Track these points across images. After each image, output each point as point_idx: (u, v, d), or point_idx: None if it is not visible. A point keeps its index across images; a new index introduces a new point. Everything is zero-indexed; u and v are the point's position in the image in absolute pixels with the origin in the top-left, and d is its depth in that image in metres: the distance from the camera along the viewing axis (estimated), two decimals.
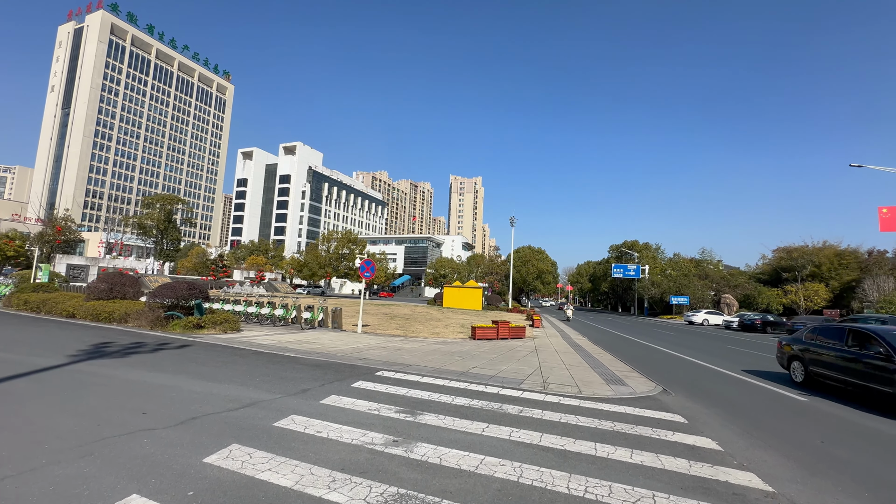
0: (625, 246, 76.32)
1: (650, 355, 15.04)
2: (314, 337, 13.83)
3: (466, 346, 13.81)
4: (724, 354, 16.28)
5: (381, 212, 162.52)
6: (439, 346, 13.66)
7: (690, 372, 11.54)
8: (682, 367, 12.30)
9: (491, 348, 13.74)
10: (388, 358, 10.50)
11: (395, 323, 21.13)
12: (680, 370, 11.77)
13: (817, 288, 40.22)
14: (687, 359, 14.30)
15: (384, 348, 12.21)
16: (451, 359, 10.98)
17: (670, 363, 13.17)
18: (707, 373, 11.47)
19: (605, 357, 13.21)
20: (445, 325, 21.29)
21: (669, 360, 14.02)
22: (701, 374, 11.16)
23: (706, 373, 11.47)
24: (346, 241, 61.98)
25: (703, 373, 11.46)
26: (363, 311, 27.95)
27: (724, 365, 12.99)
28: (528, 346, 14.87)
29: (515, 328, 17.43)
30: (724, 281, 59.13)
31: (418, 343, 14.04)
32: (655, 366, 12.36)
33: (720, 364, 13.17)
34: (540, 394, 7.46)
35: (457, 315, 30.62)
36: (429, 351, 12.26)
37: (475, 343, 14.97)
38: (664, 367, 12.30)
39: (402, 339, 14.79)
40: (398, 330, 18.01)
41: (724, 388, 9.30)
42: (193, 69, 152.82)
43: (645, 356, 14.67)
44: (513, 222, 58.13)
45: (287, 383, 7.14)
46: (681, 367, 12.29)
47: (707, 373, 11.47)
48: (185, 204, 52.93)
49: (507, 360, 11.24)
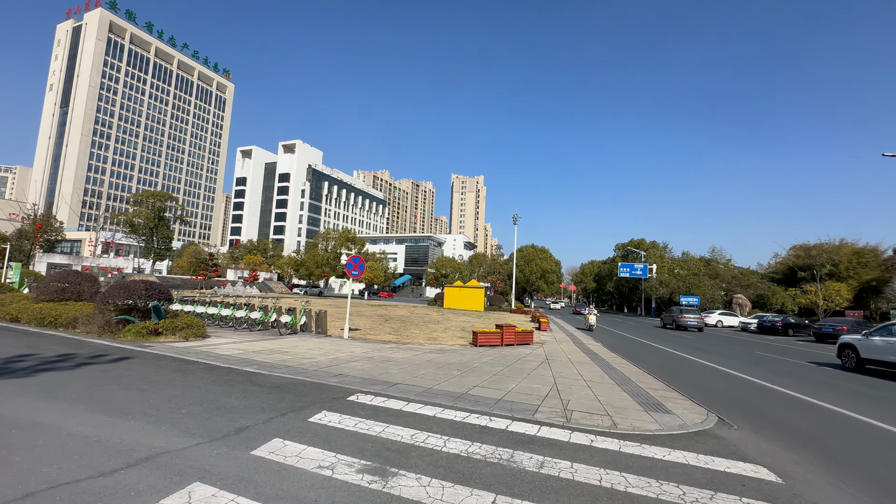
0: (631, 244, 74.22)
1: (677, 365, 13.12)
2: (290, 345, 11.97)
3: (467, 356, 11.93)
4: (758, 362, 14.33)
5: (383, 211, 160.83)
6: (435, 355, 11.78)
7: (735, 388, 9.62)
8: (722, 382, 10.38)
9: (495, 358, 11.85)
10: (370, 373, 8.63)
11: (389, 326, 19.26)
12: (721, 386, 9.86)
13: (839, 287, 38.08)
14: (720, 369, 12.37)
15: (369, 359, 10.34)
16: (447, 373, 9.11)
17: (705, 376, 11.24)
18: (757, 390, 9.54)
19: (628, 368, 11.30)
20: (444, 329, 19.41)
21: (701, 371, 12.08)
22: (749, 392, 9.24)
23: (755, 390, 9.55)
24: (345, 239, 60.15)
25: (751, 390, 9.54)
26: (357, 313, 26.17)
27: (768, 378, 11.06)
28: (537, 355, 12.97)
29: (522, 333, 15.54)
30: (735, 280, 57.04)
31: (411, 352, 12.16)
32: (690, 380, 10.44)
33: (762, 376, 11.24)
34: (563, 429, 5.57)
35: (457, 317, 28.74)
36: (422, 362, 10.38)
37: (477, 351, 13.08)
38: (701, 381, 10.38)
39: (393, 347, 12.92)
40: (391, 335, 16.15)
41: (793, 415, 7.37)
42: (193, 67, 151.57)
43: (671, 366, 12.75)
44: (516, 220, 56.22)
45: (221, 417, 5.27)
46: (720, 381, 10.37)
47: (757, 390, 9.54)
48: (176, 201, 51.21)
49: (514, 375, 9.35)
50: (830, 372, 12.99)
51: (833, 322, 25.55)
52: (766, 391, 9.44)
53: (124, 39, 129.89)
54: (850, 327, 24.61)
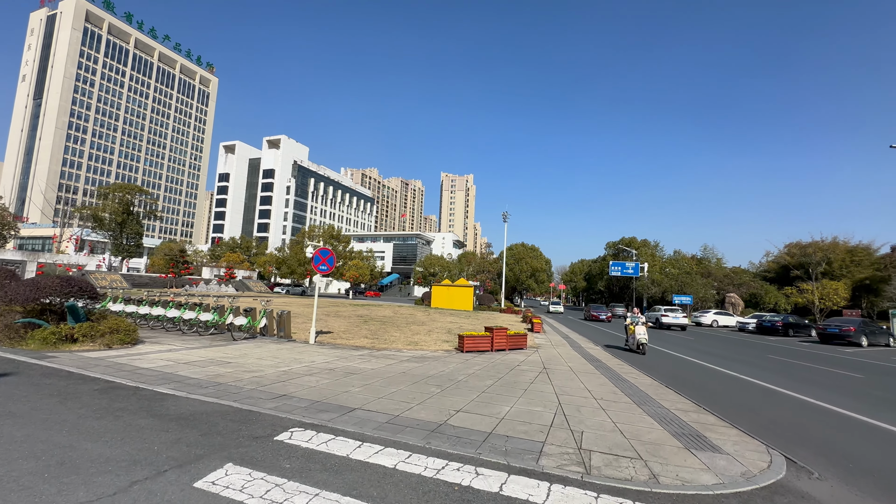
0: (622, 243, 73.18)
1: (691, 372, 11.44)
2: (239, 353, 9.98)
3: (451, 365, 10.08)
4: (780, 369, 12.73)
5: (370, 209, 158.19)
6: (413, 364, 9.90)
7: (777, 406, 7.93)
8: (756, 397, 8.70)
9: (484, 367, 10.02)
10: (324, 393, 6.73)
11: (368, 329, 17.32)
12: (758, 402, 8.16)
13: (836, 286, 37.18)
14: (744, 378, 10.72)
15: (330, 372, 8.42)
16: (424, 391, 7.24)
17: (730, 388, 9.56)
18: (805, 409, 7.85)
19: (640, 379, 9.56)
20: (429, 332, 17.54)
21: (723, 381, 10.41)
22: (797, 411, 7.55)
23: (802, 408, 7.86)
24: (329, 237, 57.78)
25: (797, 407, 7.85)
26: (335, 313, 24.05)
27: (806, 390, 9.42)
28: (532, 363, 11.19)
29: (515, 337, 13.75)
30: (727, 279, 56.23)
31: (385, 360, 10.26)
32: (716, 394, 8.74)
33: (797, 387, 9.61)
34: (584, 490, 3.75)
35: (444, 317, 26.90)
36: (395, 375, 8.50)
37: (463, 358, 11.24)
38: (730, 396, 8.68)
39: (364, 354, 11.00)
40: (367, 338, 14.22)
41: (884, 451, 5.68)
42: (175, 60, 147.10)
43: (685, 374, 11.07)
44: (505, 218, 54.69)
45: (49, 484, 3.33)
46: (753, 396, 8.69)
47: (805, 409, 7.85)
48: (147, 195, 48.26)
49: (508, 392, 7.53)
50: (878, 383, 11.43)
51: (839, 322, 24.32)
52: (817, 411, 7.76)
53: (102, 30, 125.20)
54: (857, 328, 23.40)
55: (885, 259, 40.07)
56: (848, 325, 23.67)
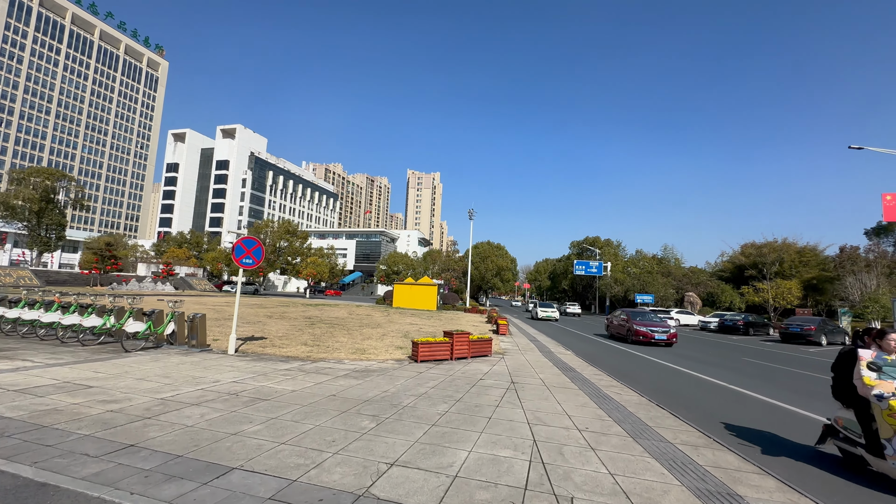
0: (586, 242, 73.74)
1: (680, 385, 10.07)
2: (116, 371, 7.60)
3: (399, 381, 8.13)
4: (767, 376, 11.66)
5: (334, 205, 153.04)
6: (351, 382, 7.88)
7: (796, 430, 6.55)
8: (762, 416, 7.32)
9: (440, 383, 8.15)
10: (199, 439, 4.62)
11: (311, 333, 15.05)
12: (773, 428, 6.76)
13: (790, 285, 38.22)
14: (738, 390, 9.45)
15: (230, 398, 6.27)
16: (351, 426, 5.27)
17: (728, 404, 8.18)
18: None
19: (626, 396, 8.01)
20: (382, 336, 15.50)
21: (716, 395, 9.07)
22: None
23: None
24: (285, 231, 54.11)
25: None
26: (281, 315, 21.12)
27: (814, 407, 8.21)
28: (499, 375, 9.44)
29: (478, 342, 11.98)
30: (686, 279, 57.46)
31: (315, 377, 8.17)
32: (719, 415, 7.29)
33: (807, 404, 8.41)
34: None
35: (404, 318, 24.89)
36: (320, 400, 6.46)
37: (416, 370, 9.32)
38: (733, 417, 7.25)
39: (292, 369, 8.85)
40: (306, 346, 12.02)
41: None
42: (119, 40, 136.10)
43: (675, 387, 9.67)
44: (471, 215, 53.25)
45: None
46: (756, 416, 7.31)
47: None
48: (71, 181, 42.82)
49: (467, 424, 5.68)
50: None
51: (800, 322, 24.34)
52: None
53: (32, 1, 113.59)
54: (817, 327, 23.46)
55: (834, 259, 41.75)
56: (808, 325, 23.69)
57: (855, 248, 40.50)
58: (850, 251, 39.65)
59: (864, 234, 46.02)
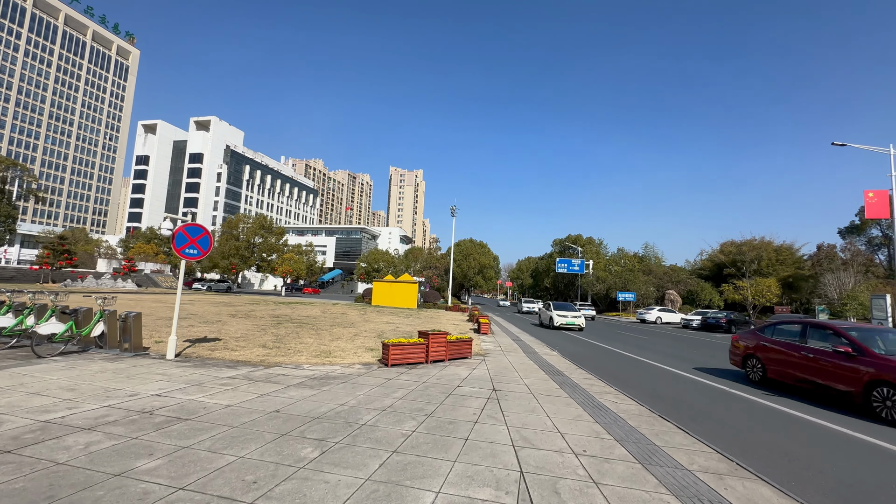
0: (569, 240, 73.65)
1: (679, 390, 9.17)
2: (11, 382, 6.17)
3: (361, 391, 6.93)
4: None
5: (314, 201, 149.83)
6: (304, 392, 6.64)
7: (838, 453, 5.64)
8: (782, 430, 6.42)
9: (410, 393, 6.99)
10: (66, 479, 3.34)
11: (274, 334, 13.67)
12: (793, 442, 5.83)
13: (769, 283, 38.47)
14: (748, 398, 8.60)
15: (140, 418, 4.96)
16: (285, 458, 4.06)
17: (735, 414, 7.28)
18: (879, 456, 5.62)
19: (624, 406, 7.01)
20: (353, 336, 14.24)
21: (723, 403, 8.19)
22: (873, 463, 5.28)
23: (876, 456, 5.62)
24: (259, 227, 51.92)
25: (865, 455, 5.61)
26: (247, 314, 19.30)
27: (837, 420, 7.38)
28: (479, 381, 8.34)
29: (457, 343, 10.87)
30: (666, 277, 57.74)
31: (262, 387, 6.89)
32: (730, 428, 6.35)
33: (829, 416, 7.59)
34: None
35: (381, 317, 23.62)
36: (255, 420, 5.21)
37: (384, 377, 8.13)
38: (746, 429, 6.32)
39: (237, 377, 7.54)
40: (264, 349, 10.69)
41: None
42: (86, 26, 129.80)
43: (674, 392, 8.76)
44: (454, 212, 52.28)
45: None
46: (774, 428, 6.40)
47: (879, 456, 5.62)
48: (25, 171, 39.75)
49: (437, 450, 4.54)
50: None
51: (782, 318, 24.04)
52: (874, 451, 5.53)
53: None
54: None
55: (812, 258, 42.33)
56: None
57: (832, 246, 41.18)
58: (827, 249, 40.24)
59: (837, 233, 47.07)
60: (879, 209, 22.38)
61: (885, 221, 44.37)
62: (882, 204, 22.26)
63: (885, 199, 22.34)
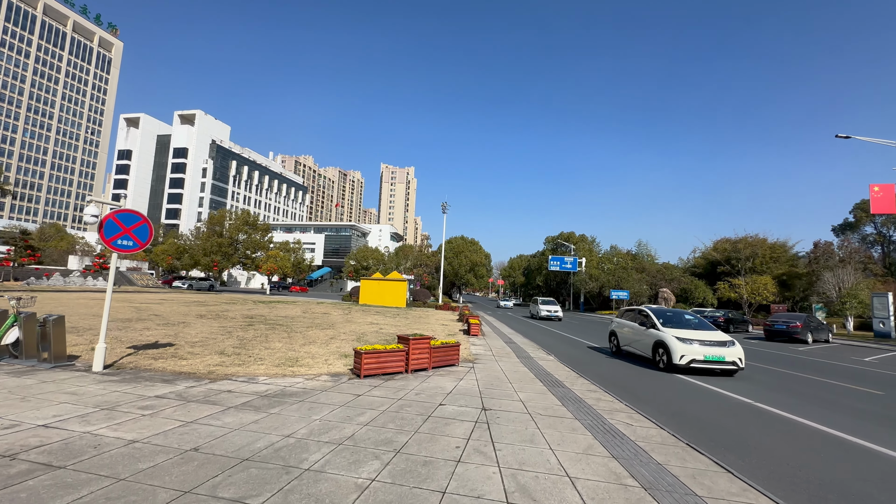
0: (561, 237, 72.69)
1: (703, 406, 7.96)
2: None
3: (318, 415, 5.57)
4: (788, 386, 9.78)
5: (303, 198, 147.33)
6: (242, 417, 5.26)
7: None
8: (833, 459, 5.21)
9: (380, 416, 5.64)
10: None
11: (240, 337, 12.23)
12: (868, 484, 4.62)
13: (766, 281, 37.72)
14: (777, 413, 7.42)
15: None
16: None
17: (775, 438, 6.07)
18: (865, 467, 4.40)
19: (643, 431, 5.75)
20: (330, 339, 12.85)
21: (756, 423, 6.98)
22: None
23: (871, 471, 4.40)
24: (243, 223, 50.06)
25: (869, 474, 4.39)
26: (217, 314, 17.13)
27: (857, 429, 6.21)
28: (465, 397, 7.03)
29: (442, 349, 9.55)
30: (660, 275, 56.97)
31: (191, 411, 5.49)
32: (784, 461, 5.12)
33: (855, 429, 6.42)
34: None
35: (366, 317, 22.24)
36: (161, 461, 3.83)
37: (352, 392, 6.78)
38: (802, 464, 5.09)
39: (169, 395, 6.13)
40: (221, 355, 9.28)
41: None
42: (66, 16, 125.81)
43: (699, 410, 7.54)
44: (445, 208, 50.96)
45: None
46: (825, 458, 5.20)
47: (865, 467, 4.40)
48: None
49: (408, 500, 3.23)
50: None
51: (786, 319, 23.18)
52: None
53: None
54: (803, 324, 22.34)
55: (809, 255, 41.68)
56: (794, 322, 22.55)
57: (829, 243, 40.60)
58: (824, 246, 39.65)
59: (831, 230, 46.66)
60: (885, 204, 21.55)
61: (879, 219, 44.07)
62: (888, 198, 21.42)
63: (891, 193, 21.51)
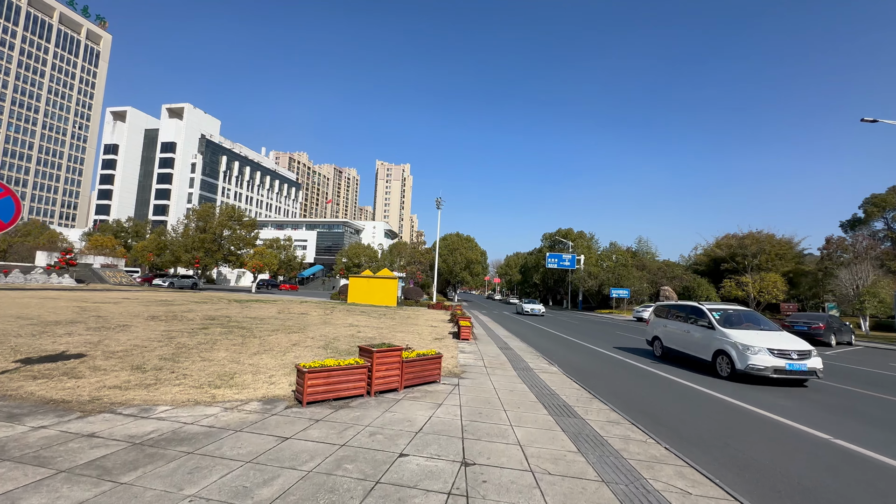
0: (559, 234, 70.73)
1: (778, 448, 5.96)
2: None
3: (205, 479, 3.48)
4: (833, 404, 7.80)
5: (296, 195, 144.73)
6: (73, 492, 3.19)
7: None
8: None
9: (302, 479, 3.57)
10: None
11: (178, 344, 10.12)
12: None
13: (775, 279, 35.86)
14: (860, 453, 5.43)
15: None
16: None
17: None
18: None
19: (703, 498, 3.72)
20: (290, 347, 10.77)
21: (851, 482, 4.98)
22: None
23: None
24: (228, 218, 47.80)
25: None
26: (178, 315, 14.10)
27: None
28: (440, 437, 4.96)
29: (418, 363, 7.48)
30: (661, 272, 55.18)
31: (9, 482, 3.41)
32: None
33: None
34: None
35: (348, 318, 20.15)
36: None
37: (279, 433, 4.70)
38: None
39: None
40: (136, 371, 7.19)
41: None
42: (52, 7, 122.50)
43: (775, 457, 5.54)
44: (439, 204, 48.97)
45: None
46: None
47: None
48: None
49: None
50: None
51: (807, 319, 21.30)
52: None
53: None
54: (825, 325, 20.45)
55: (822, 251, 39.82)
56: (816, 322, 20.69)
57: (842, 239, 38.77)
58: (837, 241, 37.81)
59: (839, 226, 45.05)
60: None
61: (890, 214, 42.34)
62: None
63: None
